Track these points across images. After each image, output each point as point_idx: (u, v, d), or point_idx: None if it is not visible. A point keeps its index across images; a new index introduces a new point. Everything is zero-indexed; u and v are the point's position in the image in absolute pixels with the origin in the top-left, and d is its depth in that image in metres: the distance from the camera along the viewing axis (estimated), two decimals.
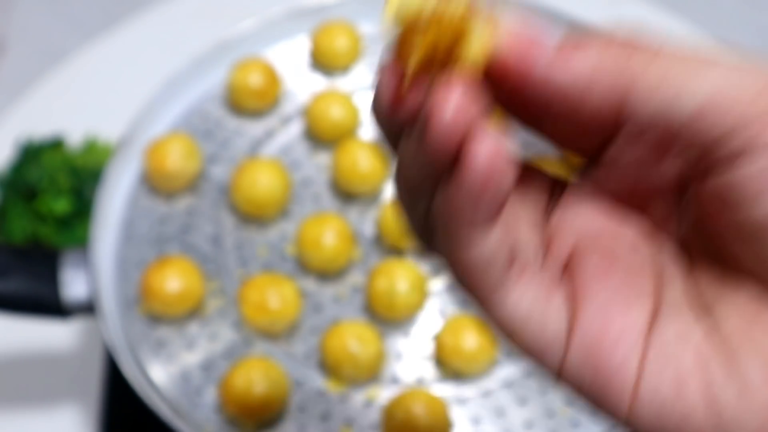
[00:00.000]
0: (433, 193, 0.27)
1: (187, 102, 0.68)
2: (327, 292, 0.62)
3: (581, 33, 0.28)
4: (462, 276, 0.28)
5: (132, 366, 0.58)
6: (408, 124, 0.27)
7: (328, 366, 0.58)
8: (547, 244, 0.29)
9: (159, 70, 0.70)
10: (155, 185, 0.65)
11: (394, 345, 0.60)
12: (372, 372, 0.58)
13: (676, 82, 0.26)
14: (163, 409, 0.56)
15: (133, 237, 0.63)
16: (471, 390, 0.58)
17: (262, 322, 0.59)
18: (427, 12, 0.25)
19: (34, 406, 0.68)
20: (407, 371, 0.59)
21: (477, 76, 0.26)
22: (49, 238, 0.71)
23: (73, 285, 0.60)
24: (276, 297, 0.58)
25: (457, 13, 0.25)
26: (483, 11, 0.26)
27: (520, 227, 0.29)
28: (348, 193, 0.65)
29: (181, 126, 0.67)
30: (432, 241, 0.29)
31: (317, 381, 0.58)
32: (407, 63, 0.26)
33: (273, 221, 0.64)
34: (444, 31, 0.25)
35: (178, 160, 0.64)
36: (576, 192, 0.30)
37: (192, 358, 0.59)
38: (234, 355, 0.59)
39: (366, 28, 0.71)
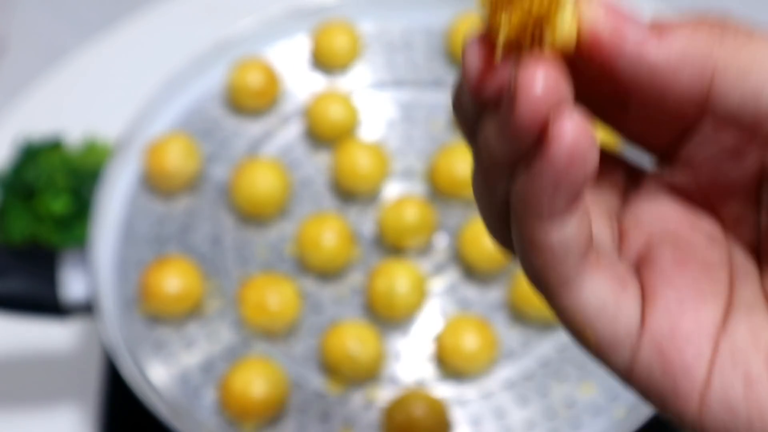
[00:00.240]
0: (514, 177, 0.26)
1: (187, 102, 0.68)
2: (327, 292, 0.61)
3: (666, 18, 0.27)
4: (537, 264, 0.27)
5: (131, 366, 0.58)
6: (493, 99, 0.26)
7: (327, 366, 0.58)
8: (622, 234, 0.29)
9: (158, 69, 0.70)
10: (154, 185, 0.64)
11: (393, 345, 0.59)
12: (371, 372, 0.58)
13: None
14: (163, 410, 0.56)
15: (132, 237, 0.63)
16: (471, 391, 0.58)
17: (261, 322, 0.59)
18: None
19: (32, 406, 0.68)
20: (407, 372, 0.59)
21: (568, 51, 0.25)
22: (48, 238, 0.71)
23: (72, 285, 0.60)
24: (275, 297, 0.58)
25: None
26: None
27: (596, 215, 0.28)
28: (348, 193, 0.65)
29: (181, 126, 0.67)
30: (507, 234, 0.28)
31: (317, 381, 0.58)
32: (497, 36, 0.25)
33: (272, 221, 0.64)
34: (536, 4, 0.25)
35: (177, 160, 0.63)
36: (652, 183, 0.29)
37: (191, 358, 0.59)
38: (233, 356, 0.59)
39: (366, 27, 0.71)
